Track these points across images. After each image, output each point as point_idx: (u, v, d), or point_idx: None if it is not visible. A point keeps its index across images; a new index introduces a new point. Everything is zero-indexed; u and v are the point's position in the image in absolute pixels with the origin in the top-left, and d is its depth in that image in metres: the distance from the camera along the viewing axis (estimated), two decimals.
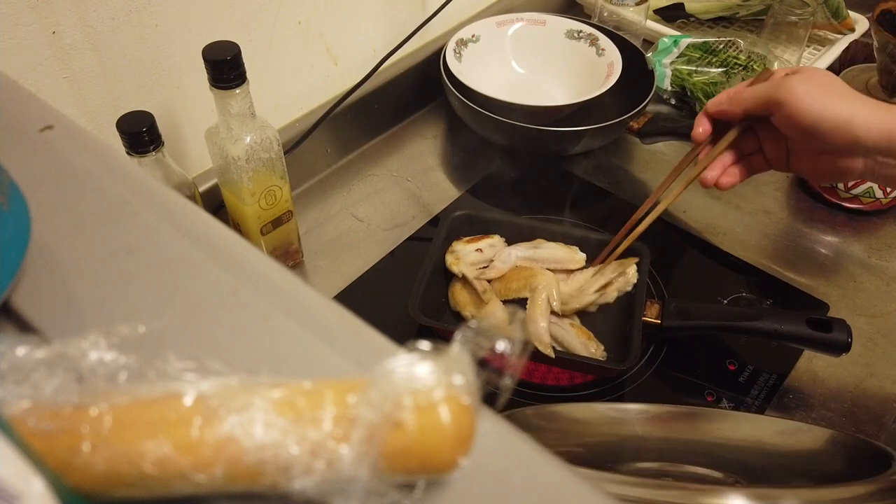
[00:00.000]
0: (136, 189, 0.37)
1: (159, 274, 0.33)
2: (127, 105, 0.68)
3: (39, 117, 0.41)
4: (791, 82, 0.59)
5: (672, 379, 0.71)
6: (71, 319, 0.31)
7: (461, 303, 0.74)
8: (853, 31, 1.07)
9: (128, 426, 0.24)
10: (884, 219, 0.88)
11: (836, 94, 0.58)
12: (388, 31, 0.92)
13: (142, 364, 0.26)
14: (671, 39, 1.02)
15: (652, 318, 0.71)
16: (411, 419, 0.24)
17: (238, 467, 0.24)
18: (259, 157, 0.66)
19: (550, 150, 0.90)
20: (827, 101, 0.57)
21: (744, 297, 0.78)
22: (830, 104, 0.57)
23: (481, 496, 0.26)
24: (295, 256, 0.80)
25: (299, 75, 0.85)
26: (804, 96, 0.58)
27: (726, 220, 0.87)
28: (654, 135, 0.90)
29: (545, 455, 0.27)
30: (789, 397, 0.69)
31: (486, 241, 0.77)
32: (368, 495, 0.24)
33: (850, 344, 0.66)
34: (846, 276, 0.81)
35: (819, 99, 0.57)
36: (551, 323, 0.71)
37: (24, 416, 0.24)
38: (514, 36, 0.99)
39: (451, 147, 0.97)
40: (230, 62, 0.59)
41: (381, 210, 0.87)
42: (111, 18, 0.64)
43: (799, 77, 0.59)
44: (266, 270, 0.34)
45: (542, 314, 0.70)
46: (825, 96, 0.57)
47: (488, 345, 0.25)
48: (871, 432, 0.67)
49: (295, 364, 0.30)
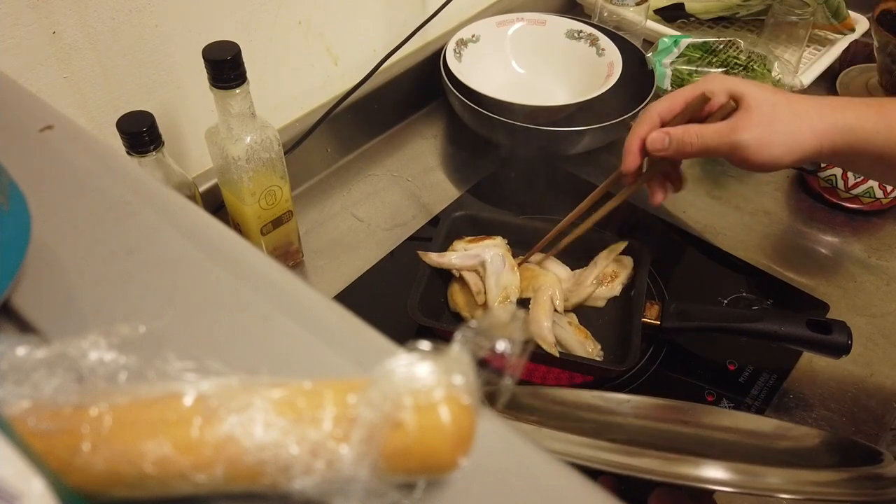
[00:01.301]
0: (136, 189, 0.37)
1: (159, 274, 0.33)
2: (127, 105, 0.68)
3: (39, 117, 0.41)
4: (742, 139, 0.57)
5: (672, 379, 0.71)
6: (71, 319, 0.31)
7: (460, 303, 0.74)
8: (853, 31, 1.07)
9: (128, 426, 0.24)
10: (884, 219, 0.88)
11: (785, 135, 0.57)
12: (388, 31, 0.92)
13: (142, 364, 0.26)
14: (671, 39, 1.02)
15: (651, 320, 0.71)
16: (411, 419, 0.24)
17: (238, 467, 0.24)
18: (259, 157, 0.66)
19: (550, 150, 0.90)
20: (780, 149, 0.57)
21: (744, 297, 0.78)
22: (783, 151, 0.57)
23: (481, 496, 0.26)
24: (295, 256, 0.80)
25: (299, 75, 0.85)
26: (759, 151, 0.57)
27: (726, 220, 0.87)
28: None
29: (545, 455, 0.27)
30: (789, 397, 0.69)
31: (487, 241, 0.77)
32: (368, 495, 0.24)
33: (849, 346, 0.66)
34: (846, 276, 0.81)
35: (773, 151, 0.57)
36: None
37: (24, 416, 0.24)
38: (514, 36, 0.99)
39: (451, 147, 0.97)
40: (230, 62, 0.59)
41: (381, 210, 0.87)
42: (111, 18, 0.64)
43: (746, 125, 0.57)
44: (266, 270, 0.34)
45: (545, 314, 0.70)
46: (775, 143, 0.57)
47: (488, 345, 0.25)
48: (871, 432, 0.67)
49: (295, 364, 0.30)
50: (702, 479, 0.40)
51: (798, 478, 0.41)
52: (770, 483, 0.40)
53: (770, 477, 0.41)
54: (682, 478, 0.41)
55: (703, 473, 0.41)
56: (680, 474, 0.41)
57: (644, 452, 0.42)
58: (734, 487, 0.40)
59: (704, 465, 0.41)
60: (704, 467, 0.41)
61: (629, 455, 0.42)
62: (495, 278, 0.72)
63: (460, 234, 0.78)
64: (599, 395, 0.63)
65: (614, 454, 0.42)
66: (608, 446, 0.43)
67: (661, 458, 0.42)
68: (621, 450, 0.43)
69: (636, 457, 0.42)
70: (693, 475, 0.41)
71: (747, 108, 0.58)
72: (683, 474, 0.41)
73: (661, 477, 0.41)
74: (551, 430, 0.45)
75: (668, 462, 0.41)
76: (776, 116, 0.57)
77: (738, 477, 0.41)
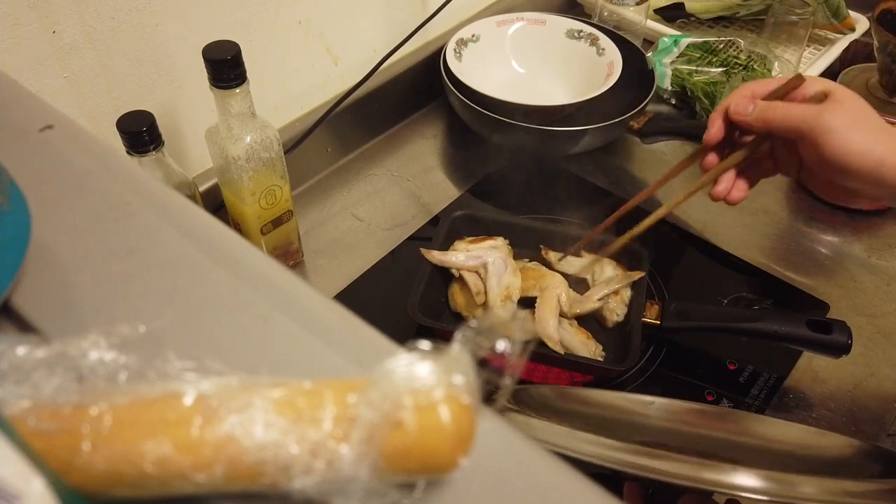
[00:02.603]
0: (136, 189, 0.37)
1: (159, 274, 0.33)
2: (127, 105, 0.68)
3: (39, 117, 0.41)
4: (829, 120, 0.55)
5: (672, 379, 0.71)
6: (71, 319, 0.31)
7: (461, 303, 0.74)
8: (853, 31, 1.07)
9: (128, 426, 0.24)
10: (884, 218, 0.88)
11: (870, 132, 0.55)
12: (388, 31, 0.92)
13: (142, 364, 0.26)
14: (671, 39, 1.02)
15: (651, 319, 0.71)
16: (411, 419, 0.24)
17: (238, 467, 0.24)
18: (259, 157, 0.66)
19: (550, 149, 0.90)
20: (862, 143, 0.54)
21: (744, 297, 0.78)
22: (865, 146, 0.54)
23: (481, 496, 0.26)
24: (295, 256, 0.80)
25: (299, 75, 0.85)
26: (840, 136, 0.54)
27: (726, 220, 0.87)
28: (655, 134, 0.90)
29: (545, 455, 0.27)
30: (789, 397, 0.69)
31: (488, 242, 0.77)
32: (368, 495, 0.24)
33: (849, 346, 0.66)
34: (846, 276, 0.81)
35: (855, 140, 0.54)
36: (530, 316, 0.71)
37: (24, 415, 0.24)
38: (514, 35, 0.99)
39: (451, 147, 0.97)
40: (230, 62, 0.59)
41: (381, 210, 0.87)
42: (111, 18, 0.64)
43: (835, 111, 0.55)
44: (266, 270, 0.34)
45: (551, 313, 0.70)
46: (860, 135, 0.54)
47: (488, 345, 0.25)
48: (871, 432, 0.67)
49: (295, 364, 0.30)
50: (733, 487, 0.39)
51: (834, 487, 0.39)
52: (804, 492, 0.39)
53: (804, 486, 0.39)
54: (714, 484, 0.39)
55: (735, 480, 0.39)
56: (711, 480, 0.39)
57: (675, 457, 0.41)
58: (766, 496, 0.39)
59: (736, 472, 0.39)
60: (736, 474, 0.39)
61: (660, 459, 0.41)
62: (496, 279, 0.72)
63: (461, 234, 0.78)
64: (623, 397, 0.63)
65: (645, 458, 0.41)
66: (639, 450, 0.42)
67: (692, 463, 0.40)
68: (652, 454, 0.42)
69: (668, 461, 0.41)
70: (724, 482, 0.39)
71: (837, 100, 0.56)
72: (715, 481, 0.39)
73: (692, 482, 0.40)
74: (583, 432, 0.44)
75: (699, 467, 0.40)
76: (865, 116, 0.56)
77: (770, 485, 0.39)
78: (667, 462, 0.41)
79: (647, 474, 0.41)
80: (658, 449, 0.42)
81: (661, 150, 0.96)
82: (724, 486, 0.39)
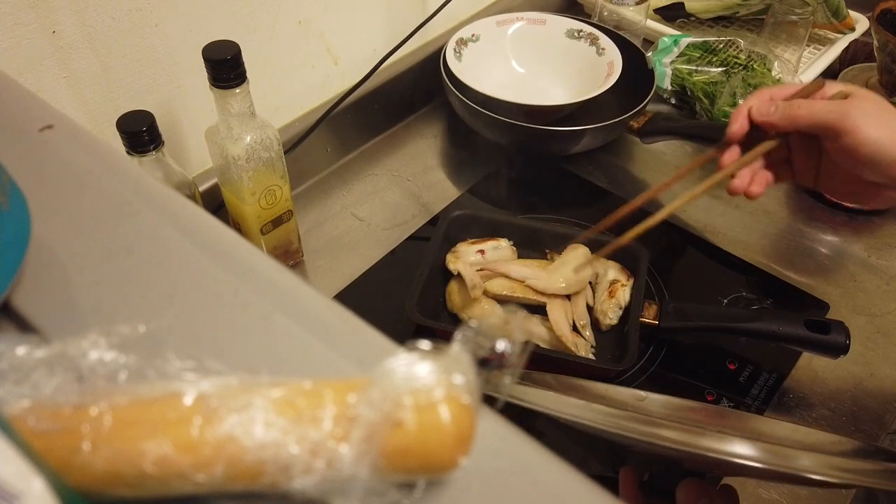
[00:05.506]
0: (136, 189, 0.37)
1: (159, 274, 0.33)
2: (127, 104, 0.68)
3: (39, 117, 0.41)
4: (857, 110, 0.55)
5: (671, 379, 0.71)
6: (71, 319, 0.31)
7: (457, 303, 0.74)
8: (853, 31, 1.07)
9: (128, 426, 0.24)
10: (884, 218, 0.88)
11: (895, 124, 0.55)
12: (388, 31, 0.92)
13: (142, 364, 0.26)
14: (671, 39, 1.02)
15: (649, 320, 0.71)
16: (411, 419, 0.24)
17: (238, 467, 0.24)
18: (259, 157, 0.66)
19: (550, 149, 0.90)
20: (891, 132, 0.54)
21: (744, 297, 0.78)
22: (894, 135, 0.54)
23: (481, 496, 0.26)
24: (295, 256, 0.80)
25: (299, 75, 0.85)
26: (869, 125, 0.54)
27: (726, 220, 0.87)
28: (654, 134, 0.90)
29: (545, 455, 0.27)
30: (789, 397, 0.69)
31: (490, 243, 0.77)
32: (368, 495, 0.24)
33: (847, 346, 0.66)
34: (846, 276, 0.81)
35: (884, 129, 0.54)
36: (531, 317, 0.72)
37: (24, 415, 0.24)
38: (514, 35, 0.99)
39: (451, 147, 0.97)
40: (230, 62, 0.59)
41: (381, 210, 0.87)
42: (111, 18, 0.64)
43: (861, 105, 0.55)
44: (266, 270, 0.34)
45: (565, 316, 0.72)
46: (888, 124, 0.54)
47: (488, 345, 0.25)
48: (871, 432, 0.67)
49: (295, 364, 0.30)
50: (732, 454, 0.39)
51: (829, 462, 0.39)
52: (801, 464, 0.39)
53: (802, 459, 0.39)
54: (710, 450, 0.39)
55: (734, 449, 0.39)
56: (708, 447, 0.39)
57: (675, 426, 0.40)
58: (763, 464, 0.39)
59: (733, 441, 0.39)
60: (733, 443, 0.39)
61: (655, 426, 0.40)
62: None
63: (459, 234, 0.78)
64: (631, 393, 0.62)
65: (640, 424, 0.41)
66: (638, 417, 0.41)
67: (689, 432, 0.40)
68: (651, 421, 0.41)
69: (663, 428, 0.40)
70: (724, 449, 0.39)
71: (861, 96, 0.57)
72: (711, 447, 0.39)
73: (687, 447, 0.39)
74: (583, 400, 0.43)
75: (695, 435, 0.39)
76: (889, 109, 0.56)
77: (767, 455, 0.39)
78: (667, 430, 0.40)
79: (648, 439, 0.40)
80: None
81: (660, 149, 0.96)
82: (723, 454, 0.39)
